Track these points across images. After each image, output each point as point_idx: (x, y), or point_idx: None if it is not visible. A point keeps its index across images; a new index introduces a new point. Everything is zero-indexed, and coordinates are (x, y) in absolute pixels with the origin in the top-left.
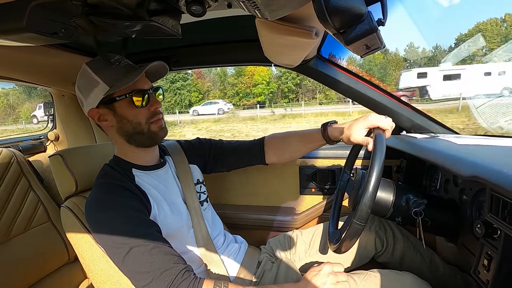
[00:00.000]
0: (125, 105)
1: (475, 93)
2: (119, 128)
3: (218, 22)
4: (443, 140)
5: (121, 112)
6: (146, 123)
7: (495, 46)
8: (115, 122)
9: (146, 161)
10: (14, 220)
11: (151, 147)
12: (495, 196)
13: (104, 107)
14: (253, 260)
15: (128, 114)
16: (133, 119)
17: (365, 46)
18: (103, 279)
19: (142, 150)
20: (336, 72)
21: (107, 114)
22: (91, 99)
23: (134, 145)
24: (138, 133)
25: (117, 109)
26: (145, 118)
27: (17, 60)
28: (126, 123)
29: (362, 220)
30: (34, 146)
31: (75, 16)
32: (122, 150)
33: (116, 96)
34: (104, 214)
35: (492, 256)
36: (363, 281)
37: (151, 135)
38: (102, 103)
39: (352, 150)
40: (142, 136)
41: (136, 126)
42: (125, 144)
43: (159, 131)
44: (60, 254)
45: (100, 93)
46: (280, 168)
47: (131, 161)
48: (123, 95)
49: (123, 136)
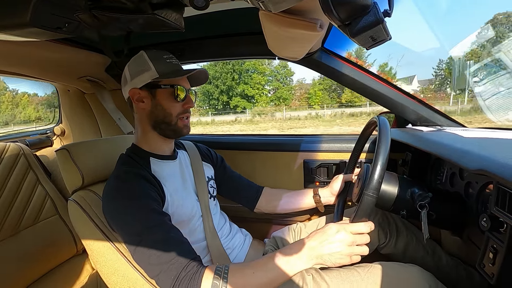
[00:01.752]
0: (166, 94)
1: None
2: (151, 112)
3: (222, 15)
4: (449, 133)
5: (160, 98)
6: (176, 117)
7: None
8: (150, 106)
9: (163, 151)
10: (23, 213)
11: (171, 138)
12: (501, 189)
13: (146, 90)
14: (257, 253)
15: (165, 103)
16: (167, 108)
17: (370, 38)
18: (111, 271)
19: (162, 139)
20: (341, 64)
21: (146, 97)
22: (138, 80)
23: (157, 132)
24: (166, 122)
25: (157, 95)
26: (177, 112)
27: (22, 55)
28: (160, 110)
29: (374, 191)
30: (41, 141)
31: (78, 10)
32: (143, 136)
33: (162, 84)
34: (121, 202)
35: (498, 249)
36: (367, 273)
37: (175, 129)
38: (146, 86)
39: (353, 151)
40: (168, 127)
41: (167, 116)
42: (149, 129)
43: (184, 127)
44: (69, 246)
45: (149, 77)
46: (285, 162)
47: (149, 150)
48: (168, 85)
49: (151, 120)
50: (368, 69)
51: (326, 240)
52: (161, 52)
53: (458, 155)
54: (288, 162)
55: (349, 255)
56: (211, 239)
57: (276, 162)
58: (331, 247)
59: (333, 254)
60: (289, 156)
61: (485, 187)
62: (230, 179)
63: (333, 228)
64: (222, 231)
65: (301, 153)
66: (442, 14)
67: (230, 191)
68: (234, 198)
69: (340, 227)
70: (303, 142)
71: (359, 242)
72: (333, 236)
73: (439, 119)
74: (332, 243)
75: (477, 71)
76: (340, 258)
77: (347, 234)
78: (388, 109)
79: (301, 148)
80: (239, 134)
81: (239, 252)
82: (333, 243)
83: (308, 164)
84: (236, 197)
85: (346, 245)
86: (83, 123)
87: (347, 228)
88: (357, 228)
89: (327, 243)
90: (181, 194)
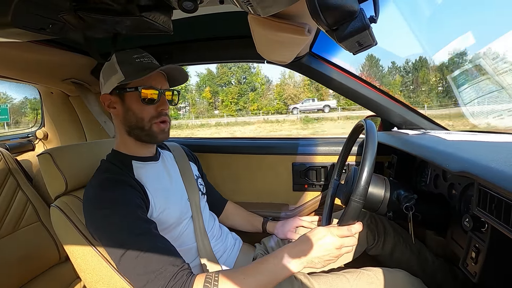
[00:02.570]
0: (134, 98)
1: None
2: (124, 118)
3: (210, 19)
4: (433, 136)
5: (128, 103)
6: (149, 121)
7: None
8: (121, 111)
9: (144, 153)
10: (2, 220)
11: (148, 143)
12: (483, 190)
13: (116, 95)
14: (247, 258)
15: (134, 107)
16: (137, 113)
17: (357, 43)
18: (96, 279)
19: (140, 143)
20: (329, 69)
21: (116, 102)
22: (108, 85)
23: (133, 137)
24: (138, 128)
25: (126, 100)
26: (149, 116)
27: (2, 57)
28: (131, 115)
29: (360, 197)
30: (22, 145)
31: (63, 11)
32: (122, 141)
33: (127, 87)
34: (103, 211)
35: (480, 249)
36: (356, 279)
37: (150, 134)
38: (115, 91)
39: (340, 154)
40: (141, 132)
41: (139, 121)
42: (126, 135)
43: (160, 133)
44: (51, 254)
45: (116, 81)
46: (273, 165)
47: (130, 153)
48: (133, 87)
49: (125, 126)
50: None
51: (315, 244)
52: (132, 52)
53: (441, 157)
54: (276, 165)
55: (337, 257)
56: (201, 241)
57: (264, 165)
58: (319, 250)
59: (322, 257)
60: (277, 159)
61: (468, 188)
62: (206, 184)
63: (321, 232)
64: (212, 232)
65: (289, 156)
66: (426, 21)
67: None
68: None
69: (328, 231)
70: (291, 145)
71: (346, 244)
72: (321, 240)
73: (424, 123)
74: (321, 246)
75: (458, 76)
76: (329, 260)
77: (334, 238)
78: (374, 112)
79: (289, 151)
80: (227, 138)
81: (229, 256)
82: (321, 246)
83: (296, 167)
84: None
85: (334, 248)
86: (67, 127)
87: (334, 232)
88: (344, 232)
89: (316, 247)
90: (168, 196)
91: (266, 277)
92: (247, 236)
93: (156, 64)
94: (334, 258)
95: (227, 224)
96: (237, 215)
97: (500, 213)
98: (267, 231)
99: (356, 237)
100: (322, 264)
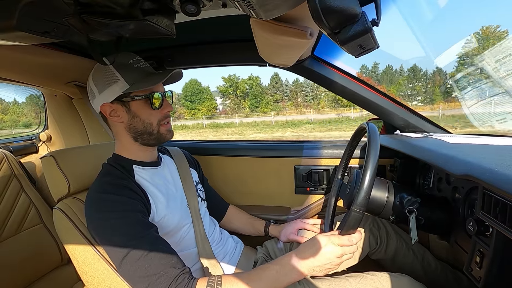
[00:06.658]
0: (142, 105)
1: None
2: (129, 125)
3: (213, 22)
4: (436, 139)
5: (135, 110)
6: (157, 125)
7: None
8: (126, 119)
9: (146, 158)
10: (5, 222)
11: (154, 146)
12: (487, 194)
13: (119, 103)
14: (249, 261)
15: (142, 113)
16: (146, 119)
17: (359, 46)
18: (97, 281)
19: (144, 148)
20: (331, 72)
21: (120, 110)
22: (107, 93)
23: (139, 142)
24: (147, 132)
25: (132, 107)
26: (157, 120)
27: (7, 59)
28: (138, 121)
29: (361, 208)
30: (25, 147)
31: (67, 15)
32: (124, 146)
33: (135, 95)
34: (104, 214)
35: (484, 253)
36: (358, 283)
37: (158, 137)
38: (117, 99)
39: (343, 157)
40: (150, 136)
41: (147, 126)
42: (130, 140)
43: (167, 133)
44: (53, 256)
45: (119, 89)
46: (275, 168)
47: (132, 158)
48: (142, 95)
49: (131, 133)
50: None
51: (316, 252)
52: (126, 57)
53: (444, 160)
54: (279, 168)
55: (338, 265)
56: (202, 245)
57: (266, 168)
58: (321, 259)
59: (323, 265)
60: (279, 162)
61: (471, 192)
62: (207, 189)
63: (322, 241)
64: (213, 237)
65: (292, 159)
66: (428, 24)
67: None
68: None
69: (329, 241)
70: (294, 148)
71: (347, 252)
72: (322, 249)
73: (426, 126)
74: (322, 255)
75: (461, 79)
76: (330, 268)
77: (335, 247)
78: (377, 115)
79: (291, 154)
80: (228, 140)
81: (230, 259)
82: (323, 255)
83: (298, 170)
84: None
85: (335, 257)
86: (70, 129)
87: (335, 241)
88: (344, 242)
89: (318, 256)
90: (168, 201)
91: (268, 283)
92: (249, 239)
93: (150, 67)
94: (335, 266)
95: (229, 227)
96: (239, 218)
97: (504, 217)
98: (269, 234)
99: (358, 245)
100: (324, 272)
